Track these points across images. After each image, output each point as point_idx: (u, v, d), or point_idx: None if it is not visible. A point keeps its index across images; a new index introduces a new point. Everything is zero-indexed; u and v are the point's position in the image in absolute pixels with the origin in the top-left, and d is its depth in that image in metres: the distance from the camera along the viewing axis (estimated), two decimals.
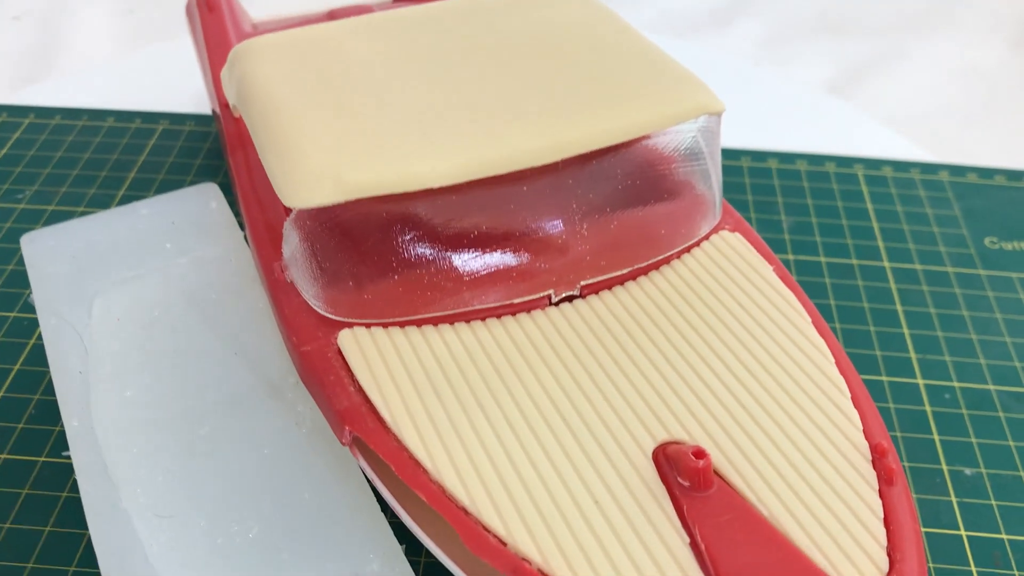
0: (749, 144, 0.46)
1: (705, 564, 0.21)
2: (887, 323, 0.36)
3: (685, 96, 0.28)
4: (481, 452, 0.23)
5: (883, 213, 0.42)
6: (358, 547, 0.24)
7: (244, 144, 0.34)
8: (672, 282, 0.28)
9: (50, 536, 0.28)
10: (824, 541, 0.22)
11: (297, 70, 0.29)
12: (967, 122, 0.50)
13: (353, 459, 0.26)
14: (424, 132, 0.26)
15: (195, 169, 0.43)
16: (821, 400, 0.25)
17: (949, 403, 0.33)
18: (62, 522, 0.28)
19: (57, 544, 0.28)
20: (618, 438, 0.24)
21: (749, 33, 0.59)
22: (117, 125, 0.46)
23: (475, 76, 0.29)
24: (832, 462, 0.23)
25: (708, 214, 0.30)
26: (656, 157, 0.29)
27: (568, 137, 0.26)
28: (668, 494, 0.23)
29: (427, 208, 0.26)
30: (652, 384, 0.25)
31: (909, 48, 0.57)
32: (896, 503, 0.23)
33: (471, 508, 0.22)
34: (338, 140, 0.26)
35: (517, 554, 0.21)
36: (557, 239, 0.28)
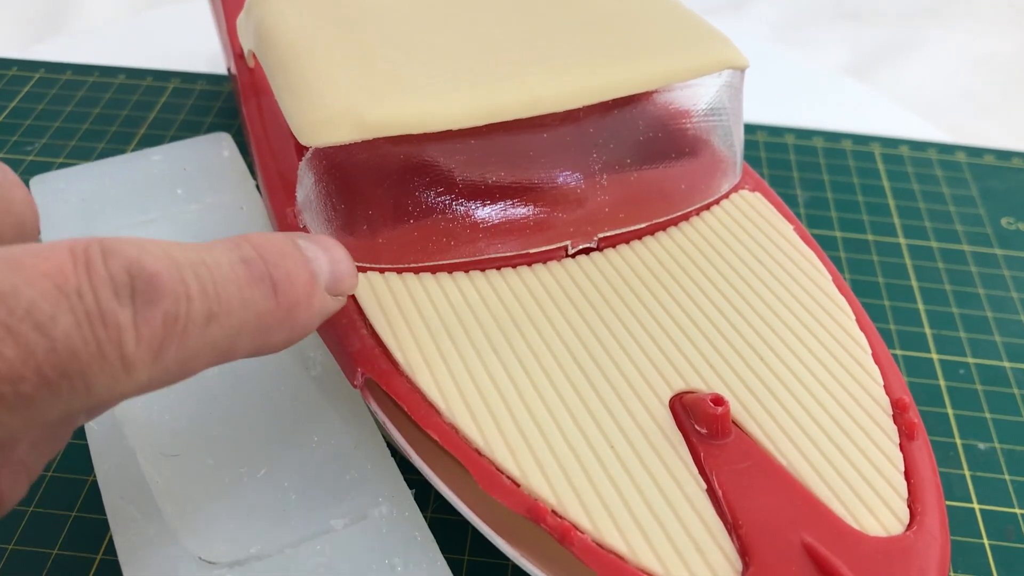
0: (766, 119, 0.45)
1: (722, 510, 0.21)
2: (902, 298, 0.36)
3: (710, 49, 0.27)
4: (495, 395, 0.23)
5: (899, 191, 0.41)
6: (367, 490, 0.24)
7: (258, 93, 0.34)
8: (691, 238, 0.28)
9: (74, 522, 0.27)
10: (844, 492, 0.21)
11: (315, 12, 0.29)
12: (984, 108, 0.50)
13: (363, 404, 0.26)
14: (444, 74, 0.26)
15: (206, 127, 0.43)
16: (842, 355, 0.24)
17: (964, 378, 0.33)
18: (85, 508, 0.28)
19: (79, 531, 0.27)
20: (634, 386, 0.23)
21: (764, 17, 0.58)
22: (128, 82, 0.45)
23: (497, 21, 0.28)
24: (853, 415, 0.23)
25: (729, 172, 0.29)
26: (678, 111, 0.28)
27: (590, 84, 0.26)
28: (685, 441, 0.22)
29: (444, 152, 0.26)
30: (670, 335, 0.25)
31: (926, 35, 0.56)
32: (917, 457, 0.22)
33: (485, 449, 0.22)
34: (356, 80, 0.25)
35: (531, 495, 0.21)
36: (576, 189, 0.27)
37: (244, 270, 0.19)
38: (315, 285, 0.21)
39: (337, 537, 0.23)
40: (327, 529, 0.23)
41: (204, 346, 0.18)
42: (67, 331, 0.15)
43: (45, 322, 0.15)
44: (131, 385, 0.16)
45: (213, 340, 0.18)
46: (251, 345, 0.19)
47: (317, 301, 0.21)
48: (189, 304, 0.17)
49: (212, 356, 0.18)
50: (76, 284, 0.15)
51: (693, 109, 0.28)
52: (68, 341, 0.15)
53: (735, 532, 0.20)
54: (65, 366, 0.15)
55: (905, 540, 0.21)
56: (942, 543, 0.21)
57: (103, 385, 0.16)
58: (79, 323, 0.15)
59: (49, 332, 0.15)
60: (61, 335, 0.15)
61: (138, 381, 0.16)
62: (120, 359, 0.16)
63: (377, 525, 0.23)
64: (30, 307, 0.15)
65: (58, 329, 0.15)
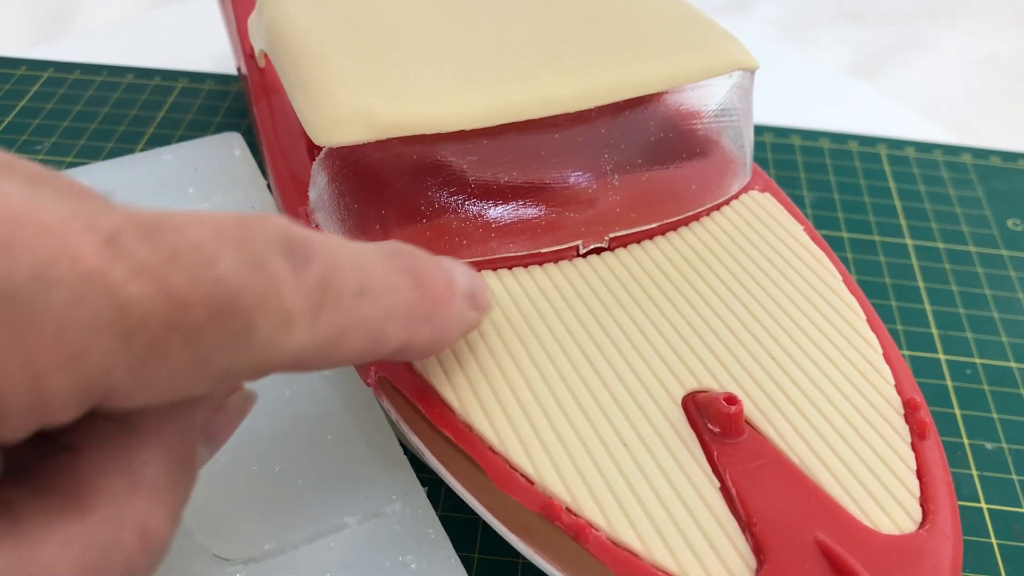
0: (772, 121, 0.46)
1: (736, 508, 0.21)
2: (909, 299, 0.36)
3: (720, 50, 0.27)
4: (508, 393, 0.23)
5: (905, 192, 0.42)
6: (380, 487, 0.24)
7: (268, 93, 0.34)
8: (702, 238, 0.28)
9: None
10: (857, 491, 0.21)
11: (327, 12, 0.29)
12: (987, 109, 0.50)
13: (375, 401, 0.26)
14: (457, 74, 0.26)
15: (214, 127, 0.43)
16: (853, 355, 0.25)
17: (970, 378, 0.33)
18: None
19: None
20: (647, 385, 0.23)
21: (768, 18, 0.59)
22: (136, 82, 0.46)
23: (510, 21, 0.28)
24: (864, 415, 0.23)
25: (739, 172, 0.29)
26: (689, 112, 0.28)
27: (601, 84, 0.26)
28: (698, 440, 0.22)
29: (456, 152, 0.26)
30: (681, 334, 0.25)
31: (928, 36, 0.57)
32: (929, 456, 0.22)
33: (499, 447, 0.22)
34: (369, 80, 0.26)
35: (545, 492, 0.21)
36: (587, 189, 0.27)
37: (387, 259, 0.19)
38: (454, 289, 0.21)
39: (350, 534, 0.23)
40: (340, 526, 0.23)
41: (357, 320, 0.18)
42: (230, 270, 0.15)
43: (209, 258, 0.15)
44: (290, 345, 0.16)
45: (365, 316, 0.18)
46: (400, 335, 0.19)
47: (457, 305, 0.21)
48: (341, 273, 0.17)
49: (364, 335, 0.18)
50: (236, 235, 0.16)
51: (703, 110, 0.28)
52: (232, 278, 0.15)
53: (749, 530, 0.21)
54: (230, 303, 0.15)
55: (918, 538, 0.21)
56: (955, 541, 0.21)
57: (265, 336, 0.16)
58: (241, 266, 0.15)
59: (214, 267, 0.15)
60: (225, 272, 0.15)
61: (296, 342, 0.16)
62: (280, 310, 0.16)
63: (390, 522, 0.23)
64: (195, 243, 0.15)
65: (221, 266, 0.15)
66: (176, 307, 0.14)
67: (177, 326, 0.15)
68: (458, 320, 0.21)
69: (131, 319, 0.14)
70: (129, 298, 0.14)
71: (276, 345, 0.16)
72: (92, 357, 0.14)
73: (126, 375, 0.14)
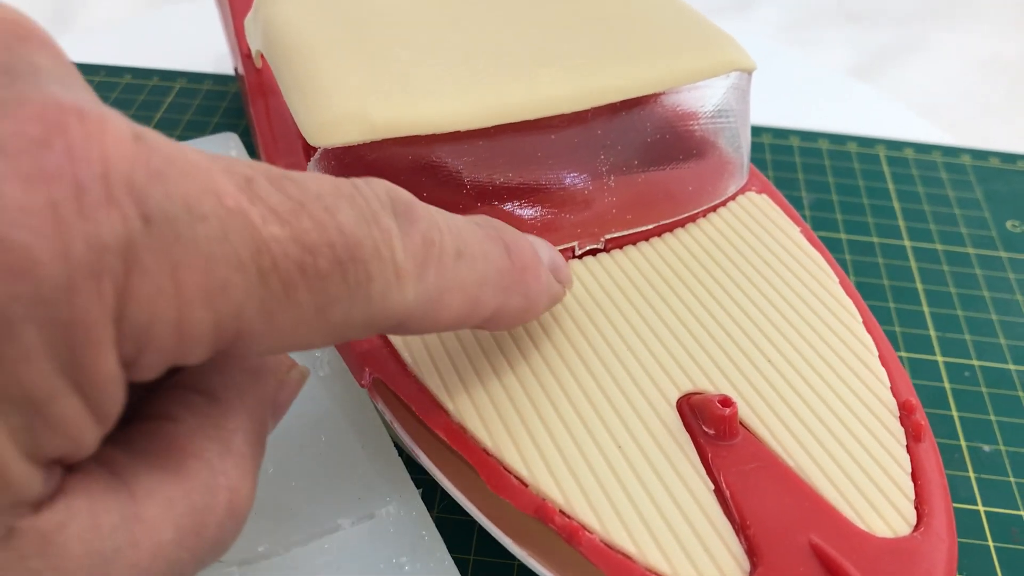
0: (770, 121, 0.45)
1: (730, 511, 0.21)
2: (907, 300, 0.36)
3: (717, 51, 0.27)
4: (502, 395, 0.23)
5: (904, 194, 0.41)
6: (374, 489, 0.24)
7: (265, 94, 0.34)
8: (698, 239, 0.28)
9: None
10: (852, 493, 0.21)
11: (323, 13, 0.29)
12: (988, 110, 0.50)
13: (370, 404, 0.26)
14: (452, 75, 0.26)
15: (212, 127, 0.43)
16: (848, 357, 0.25)
17: (968, 380, 0.33)
18: None
19: None
20: (641, 387, 0.23)
21: (768, 19, 0.59)
22: (134, 82, 0.46)
23: (505, 22, 0.28)
24: (860, 417, 0.23)
25: (736, 173, 0.29)
26: (686, 113, 0.28)
27: (598, 85, 0.26)
28: (693, 442, 0.22)
29: (452, 153, 0.26)
30: (677, 336, 0.25)
31: (930, 37, 0.57)
32: (924, 459, 0.22)
33: (492, 449, 0.22)
34: (365, 81, 0.26)
35: (539, 495, 0.21)
36: (583, 191, 0.27)
37: (479, 228, 0.20)
38: (539, 259, 0.22)
39: (345, 536, 0.23)
40: (335, 528, 0.23)
41: (455, 281, 0.19)
42: (349, 220, 0.16)
43: (331, 207, 0.16)
44: (399, 299, 0.17)
45: (463, 278, 0.19)
46: (493, 301, 0.20)
47: (543, 275, 0.22)
48: (441, 235, 0.18)
49: (463, 298, 0.19)
50: (349, 191, 0.17)
51: (700, 111, 0.28)
52: (351, 229, 0.16)
53: (743, 533, 0.20)
54: (352, 251, 0.16)
55: (912, 541, 0.21)
56: (949, 545, 0.21)
57: (379, 288, 0.17)
58: (358, 218, 0.16)
59: (335, 216, 0.16)
60: (345, 221, 0.16)
61: (405, 297, 0.17)
62: (392, 262, 0.17)
63: (384, 524, 0.23)
64: (317, 193, 0.16)
65: (342, 215, 0.16)
66: (306, 250, 0.15)
67: (305, 270, 0.15)
68: (545, 289, 0.22)
69: (267, 259, 0.15)
70: (269, 238, 0.15)
71: (387, 298, 0.17)
72: (231, 293, 0.14)
73: (257, 317, 0.15)
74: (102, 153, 0.13)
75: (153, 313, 0.14)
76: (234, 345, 0.15)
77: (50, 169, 0.13)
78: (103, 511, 0.15)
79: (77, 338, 0.13)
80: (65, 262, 0.13)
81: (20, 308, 0.13)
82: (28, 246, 0.12)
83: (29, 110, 0.13)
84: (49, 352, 0.13)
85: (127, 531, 0.15)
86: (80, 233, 0.13)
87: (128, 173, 0.13)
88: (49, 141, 0.13)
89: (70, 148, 0.13)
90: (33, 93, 0.13)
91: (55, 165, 0.13)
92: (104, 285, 0.13)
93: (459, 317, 0.19)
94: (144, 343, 0.14)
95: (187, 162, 0.14)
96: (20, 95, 0.13)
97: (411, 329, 0.19)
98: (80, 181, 0.13)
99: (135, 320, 0.14)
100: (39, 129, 0.13)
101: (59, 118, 0.13)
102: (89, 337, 0.13)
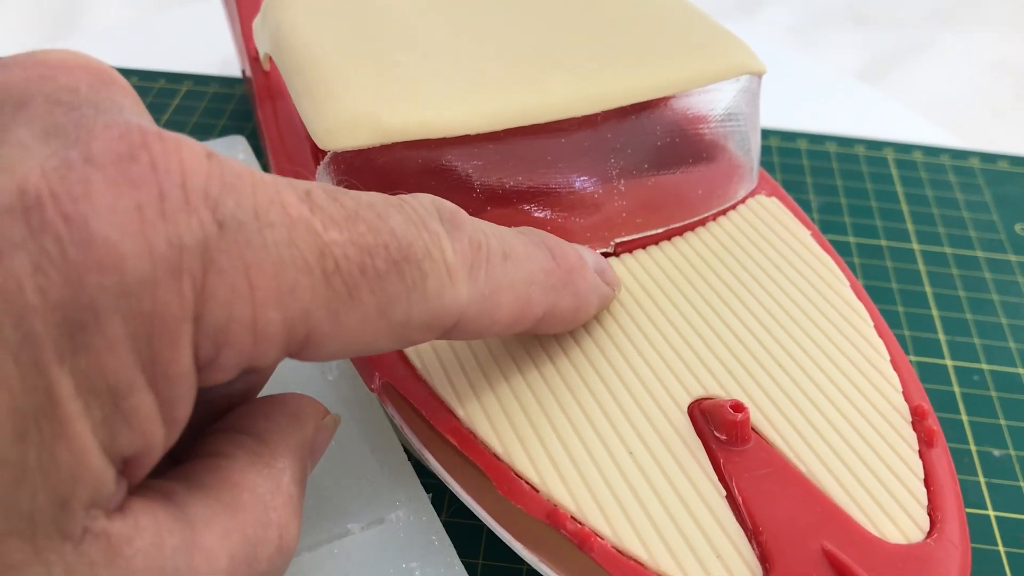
0: (778, 124, 0.45)
1: (742, 517, 0.21)
2: (916, 304, 0.36)
3: (727, 54, 0.27)
4: (513, 400, 0.23)
5: (913, 197, 0.41)
6: (384, 494, 0.24)
7: (273, 96, 0.34)
8: (708, 243, 0.28)
9: None
10: (864, 499, 0.21)
11: (332, 16, 0.29)
12: (997, 113, 0.50)
13: (379, 407, 0.26)
14: (462, 78, 0.26)
15: (219, 130, 0.43)
16: (860, 362, 0.24)
17: (978, 384, 0.33)
18: None
19: None
20: (652, 391, 0.23)
21: (776, 21, 0.58)
22: (141, 84, 0.46)
23: (515, 25, 0.28)
24: (872, 422, 0.23)
25: (746, 177, 0.29)
26: (696, 116, 0.28)
27: (607, 89, 0.26)
28: (704, 448, 0.22)
29: (462, 157, 0.26)
30: (687, 340, 0.25)
31: (937, 40, 0.56)
32: (937, 464, 0.22)
33: (503, 455, 0.22)
34: (375, 85, 0.26)
35: (550, 500, 0.21)
36: (593, 194, 0.27)
37: (522, 234, 0.22)
38: (584, 261, 0.23)
39: (354, 541, 0.23)
40: (344, 533, 0.23)
41: (506, 281, 0.20)
42: (400, 225, 0.17)
43: (383, 214, 0.17)
44: (454, 297, 0.18)
45: (512, 278, 0.20)
46: (543, 300, 0.21)
47: (590, 276, 0.23)
48: (487, 239, 0.20)
49: (514, 297, 0.20)
50: (397, 201, 0.18)
51: (710, 114, 0.28)
52: (402, 232, 0.17)
53: (755, 539, 0.20)
54: (404, 253, 0.17)
55: (925, 547, 0.20)
56: (963, 551, 0.21)
57: (433, 287, 0.18)
58: (408, 223, 0.18)
59: (387, 221, 0.17)
60: (397, 226, 0.17)
61: (459, 295, 0.18)
62: (444, 262, 0.18)
63: (394, 529, 0.23)
64: (369, 203, 0.17)
65: (393, 221, 0.17)
66: (364, 252, 0.17)
67: (365, 270, 0.17)
68: (593, 288, 0.23)
69: (330, 261, 0.16)
70: (330, 242, 0.16)
71: (442, 296, 0.18)
72: (300, 294, 0.16)
73: (325, 317, 0.16)
74: (180, 166, 0.15)
75: (230, 312, 0.15)
76: (305, 347, 0.17)
77: (136, 177, 0.14)
78: (167, 532, 0.15)
79: (156, 331, 0.14)
80: (149, 258, 0.14)
81: (107, 299, 0.14)
82: (116, 242, 0.14)
83: (115, 131, 0.15)
84: (131, 344, 0.14)
85: (187, 555, 0.16)
86: (162, 233, 0.14)
87: (203, 184, 0.15)
88: (135, 155, 0.15)
89: (153, 161, 0.15)
90: (118, 119, 0.15)
91: (140, 174, 0.14)
92: (183, 282, 0.14)
93: (513, 316, 0.20)
94: (222, 342, 0.15)
95: (254, 177, 0.16)
96: (107, 121, 0.15)
97: (469, 330, 0.19)
98: (162, 188, 0.14)
99: (213, 319, 0.15)
100: (125, 146, 0.15)
101: (142, 138, 0.15)
102: (168, 331, 0.14)
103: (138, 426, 0.15)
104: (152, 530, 0.15)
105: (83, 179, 0.14)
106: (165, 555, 0.15)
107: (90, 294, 0.14)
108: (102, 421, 0.14)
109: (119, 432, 0.14)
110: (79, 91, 0.16)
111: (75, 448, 0.14)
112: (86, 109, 0.15)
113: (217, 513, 0.17)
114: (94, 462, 0.14)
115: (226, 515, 0.17)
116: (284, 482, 0.18)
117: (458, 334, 0.19)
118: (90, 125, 0.15)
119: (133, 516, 0.15)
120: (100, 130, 0.15)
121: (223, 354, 0.15)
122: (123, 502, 0.15)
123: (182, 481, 0.17)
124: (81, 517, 0.14)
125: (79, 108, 0.15)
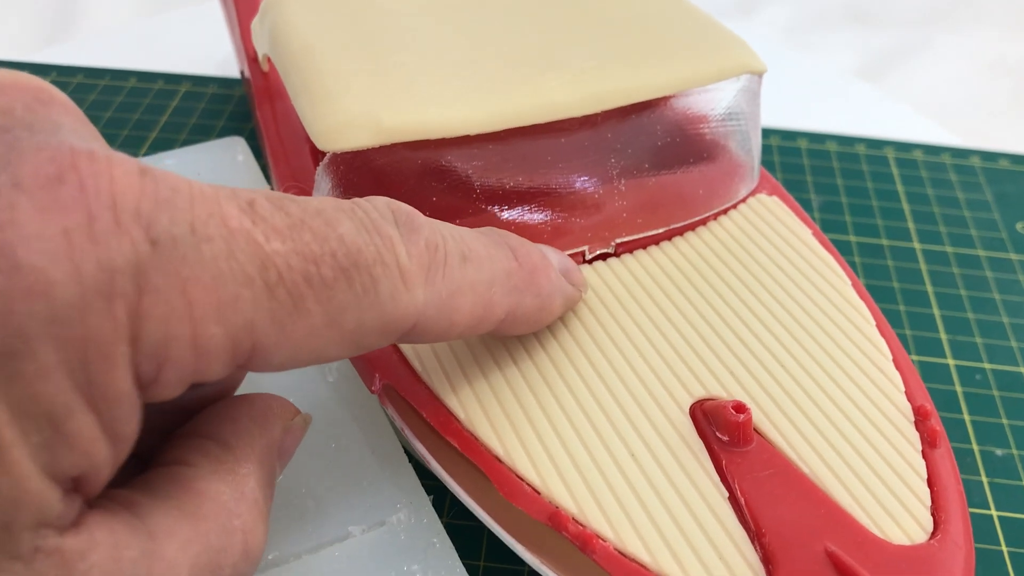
0: (778, 123, 0.45)
1: (745, 518, 0.21)
2: (917, 303, 0.36)
3: (727, 53, 0.27)
4: (514, 402, 0.23)
5: (913, 195, 0.41)
6: (385, 496, 0.24)
7: (272, 97, 0.34)
8: (709, 243, 0.28)
9: None
10: (867, 500, 0.21)
11: (331, 17, 0.29)
12: (996, 112, 0.50)
13: (380, 409, 0.26)
14: (462, 79, 0.26)
15: (217, 131, 0.43)
16: (863, 361, 0.24)
17: (980, 384, 0.33)
18: None
19: None
20: (654, 393, 0.23)
21: (775, 21, 0.58)
22: (139, 86, 0.45)
23: (513, 26, 0.28)
24: (874, 422, 0.23)
25: (747, 176, 0.29)
26: (696, 116, 0.28)
27: (607, 89, 0.26)
28: (706, 449, 0.22)
29: (462, 157, 0.26)
30: (689, 341, 0.25)
31: (936, 39, 0.56)
32: (940, 465, 0.22)
33: (504, 457, 0.22)
34: (374, 86, 0.25)
35: (551, 502, 0.21)
36: (594, 195, 0.27)
37: (483, 235, 0.21)
38: (548, 261, 0.23)
39: (355, 543, 0.23)
40: (345, 535, 0.23)
41: (465, 283, 0.20)
42: (350, 231, 0.17)
43: (331, 221, 0.17)
44: (409, 301, 0.18)
45: (471, 280, 0.20)
46: (505, 301, 0.21)
47: (554, 275, 0.23)
48: (444, 241, 0.19)
49: (474, 299, 0.20)
50: (349, 206, 0.18)
51: (711, 114, 0.28)
52: (352, 238, 0.17)
53: (758, 540, 0.20)
54: (353, 259, 0.17)
55: (929, 548, 0.20)
56: (966, 551, 0.21)
57: (386, 291, 0.18)
58: (358, 228, 0.17)
59: (336, 228, 0.17)
60: (346, 232, 0.17)
61: (416, 299, 0.18)
62: (397, 267, 0.18)
63: (395, 531, 0.23)
64: (317, 210, 0.17)
65: (342, 227, 0.17)
66: (309, 261, 0.16)
67: (310, 279, 0.16)
68: (557, 289, 0.23)
69: (273, 272, 0.16)
70: (272, 253, 0.16)
71: (396, 301, 0.18)
72: (242, 307, 0.15)
73: (270, 329, 0.16)
74: (110, 187, 0.15)
75: (167, 330, 0.15)
76: (251, 359, 0.16)
77: (63, 201, 0.14)
78: (124, 545, 0.15)
79: (91, 355, 0.14)
80: (78, 283, 0.14)
81: (37, 326, 0.14)
82: (43, 269, 0.14)
83: (46, 154, 0.14)
84: (65, 369, 0.14)
85: (146, 567, 0.16)
86: (91, 257, 0.14)
87: (135, 203, 0.15)
88: (62, 177, 0.14)
89: (81, 183, 0.14)
90: (51, 141, 0.15)
91: (68, 197, 0.14)
92: (116, 305, 0.14)
93: (473, 318, 0.20)
94: (163, 360, 0.15)
95: (192, 191, 0.15)
96: (39, 143, 0.15)
97: (427, 334, 0.19)
98: (91, 210, 0.14)
99: (151, 338, 0.15)
100: (54, 168, 0.14)
101: (72, 160, 0.14)
102: (103, 354, 0.14)
103: (81, 447, 0.14)
104: (108, 544, 0.15)
105: (9, 205, 0.14)
106: (123, 568, 0.15)
107: (19, 321, 0.13)
108: (42, 445, 0.14)
109: (62, 455, 0.14)
110: (13, 113, 0.15)
111: (14, 474, 0.14)
112: (19, 131, 0.15)
113: (179, 522, 0.17)
114: (34, 486, 0.14)
115: (188, 524, 0.17)
116: (248, 487, 0.18)
117: (417, 337, 0.19)
118: (21, 148, 0.14)
119: (88, 531, 0.15)
120: (30, 153, 0.14)
121: (165, 371, 0.15)
122: (78, 517, 0.15)
123: (145, 491, 0.17)
124: (29, 538, 0.14)
125: (11, 131, 0.15)
